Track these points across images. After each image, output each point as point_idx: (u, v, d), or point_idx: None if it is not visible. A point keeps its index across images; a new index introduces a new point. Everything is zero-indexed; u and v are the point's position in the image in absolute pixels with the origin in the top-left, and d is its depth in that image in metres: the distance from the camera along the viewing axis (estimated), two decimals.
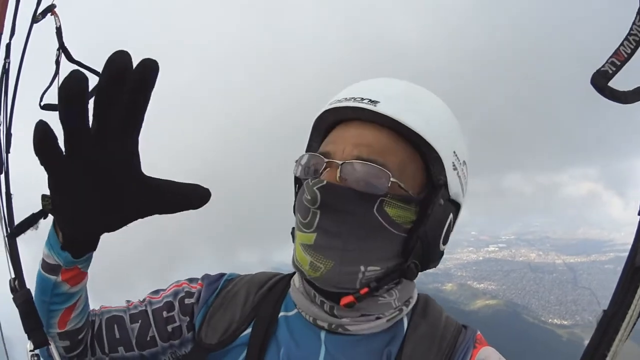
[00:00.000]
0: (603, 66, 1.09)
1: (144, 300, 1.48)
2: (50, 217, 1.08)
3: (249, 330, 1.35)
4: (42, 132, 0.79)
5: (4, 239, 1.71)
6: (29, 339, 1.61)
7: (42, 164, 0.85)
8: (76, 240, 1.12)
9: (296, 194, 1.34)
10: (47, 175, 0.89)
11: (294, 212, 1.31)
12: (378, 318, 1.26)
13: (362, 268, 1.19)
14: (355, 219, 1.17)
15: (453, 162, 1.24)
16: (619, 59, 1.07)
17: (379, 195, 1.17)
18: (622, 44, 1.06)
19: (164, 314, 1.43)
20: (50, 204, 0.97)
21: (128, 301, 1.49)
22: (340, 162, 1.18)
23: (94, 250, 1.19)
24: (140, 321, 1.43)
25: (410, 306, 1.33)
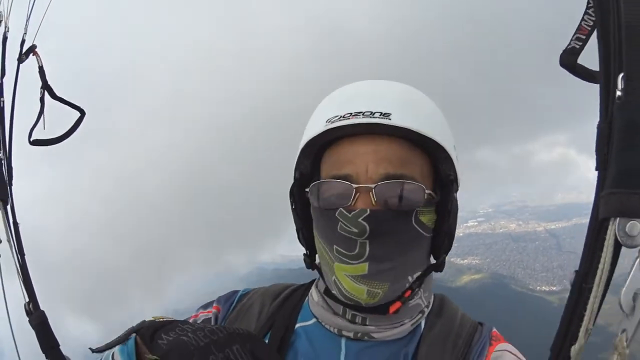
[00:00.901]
0: (569, 44, 1.13)
1: None
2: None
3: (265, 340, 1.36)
4: None
5: (16, 266, 1.79)
6: (46, 357, 1.68)
7: None
8: None
9: (297, 214, 1.35)
10: None
11: (319, 239, 1.30)
12: (402, 324, 1.28)
13: (410, 278, 1.24)
14: (400, 238, 1.20)
15: (456, 156, 1.28)
16: (583, 33, 1.11)
17: (415, 208, 1.21)
18: (582, 18, 1.10)
19: None
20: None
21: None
22: (372, 186, 1.18)
23: None
24: None
25: (430, 307, 1.36)
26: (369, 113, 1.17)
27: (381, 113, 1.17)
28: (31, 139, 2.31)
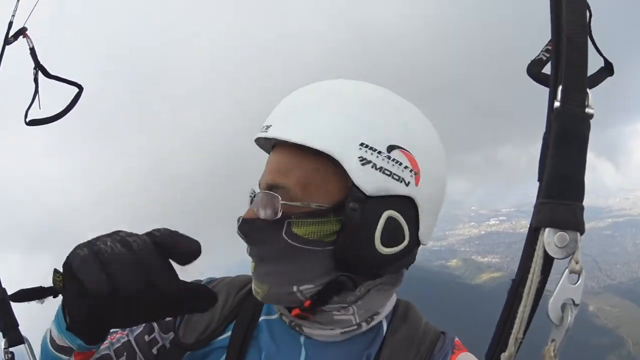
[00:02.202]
0: (538, 55, 1.15)
1: (124, 329, 1.40)
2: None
3: (228, 332, 1.35)
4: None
5: None
6: (3, 337, 1.67)
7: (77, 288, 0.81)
8: (84, 333, 1.00)
9: None
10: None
11: None
12: (332, 329, 1.24)
13: (295, 288, 1.17)
14: (270, 246, 1.17)
15: (361, 156, 1.10)
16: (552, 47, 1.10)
17: (283, 219, 1.14)
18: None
19: (146, 338, 1.38)
20: (61, 282, 0.88)
21: (111, 334, 1.41)
22: (250, 198, 1.24)
23: (105, 340, 1.14)
24: (125, 353, 1.36)
25: (377, 320, 1.28)
26: (263, 127, 1.21)
27: (266, 127, 1.19)
28: (27, 120, 2.33)
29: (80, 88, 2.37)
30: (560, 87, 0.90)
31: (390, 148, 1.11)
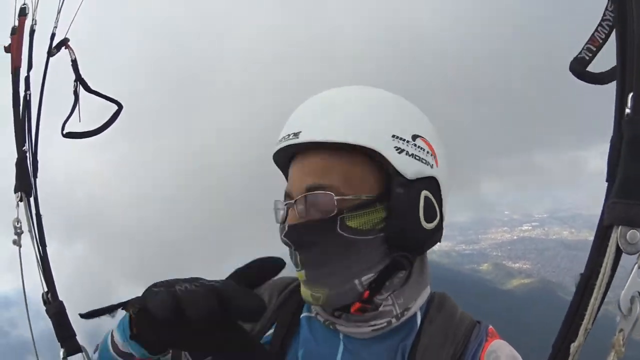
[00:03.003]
0: (580, 53, 1.16)
1: None
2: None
3: (271, 330, 1.41)
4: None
5: (36, 256, 1.85)
6: (62, 347, 1.74)
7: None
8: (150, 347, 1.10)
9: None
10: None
11: None
12: (369, 326, 1.27)
13: (356, 281, 1.23)
14: (324, 246, 1.22)
15: (396, 146, 1.22)
16: (594, 45, 1.15)
17: (335, 215, 1.20)
18: (596, 30, 1.14)
19: None
20: (135, 312, 0.96)
21: None
22: (292, 202, 1.25)
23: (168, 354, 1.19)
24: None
25: (411, 312, 1.32)
26: (287, 136, 1.25)
27: (294, 133, 1.24)
28: (64, 132, 2.36)
29: (120, 106, 2.41)
30: (630, 95, 0.94)
31: (414, 137, 1.25)
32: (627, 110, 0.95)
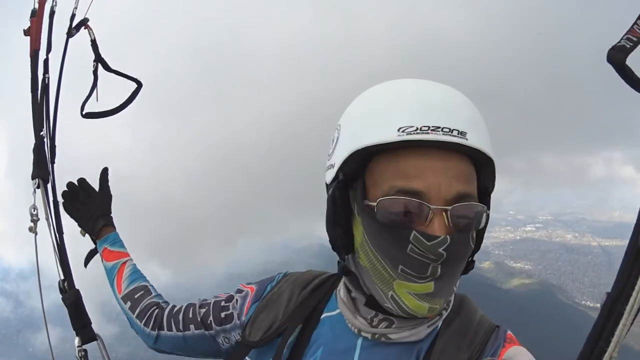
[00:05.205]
0: (619, 42, 1.04)
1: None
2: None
3: (297, 330, 1.41)
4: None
5: (53, 244, 1.86)
6: (77, 335, 1.77)
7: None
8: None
9: (336, 219, 1.27)
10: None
11: (375, 253, 1.20)
12: (421, 326, 1.26)
13: (455, 288, 1.26)
14: (463, 260, 1.22)
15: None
16: (635, 36, 1.04)
17: (476, 229, 1.21)
18: (635, 22, 1.05)
19: (222, 303, 1.63)
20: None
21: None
22: (448, 208, 1.12)
23: (97, 237, 2.01)
24: (206, 308, 1.65)
25: (449, 309, 1.34)
26: (448, 130, 1.11)
27: (458, 131, 1.11)
28: (83, 112, 2.35)
29: (139, 84, 2.39)
30: None
31: None
32: None
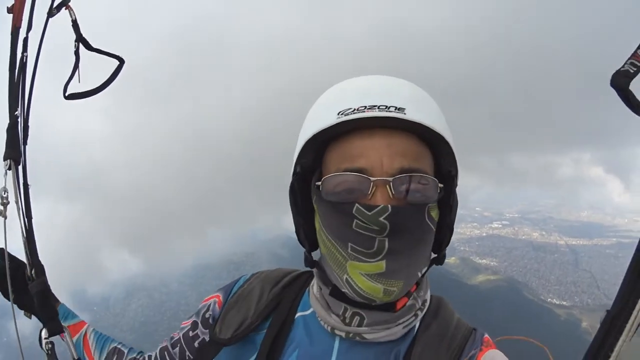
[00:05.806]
0: (623, 66, 1.08)
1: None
2: None
3: (264, 329, 1.41)
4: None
5: (22, 229, 1.77)
6: (44, 327, 1.68)
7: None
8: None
9: (297, 211, 1.34)
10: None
11: (328, 236, 1.25)
12: (396, 326, 1.26)
13: (419, 274, 1.24)
14: (415, 234, 1.18)
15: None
16: (639, 60, 1.07)
17: (429, 203, 1.20)
18: (639, 47, 1.08)
19: (190, 333, 1.56)
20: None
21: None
22: (390, 179, 1.15)
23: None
24: (178, 345, 1.57)
25: (425, 309, 1.34)
26: (384, 107, 1.14)
27: (396, 107, 1.14)
28: (66, 94, 2.28)
29: (121, 61, 2.35)
30: None
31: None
32: None
